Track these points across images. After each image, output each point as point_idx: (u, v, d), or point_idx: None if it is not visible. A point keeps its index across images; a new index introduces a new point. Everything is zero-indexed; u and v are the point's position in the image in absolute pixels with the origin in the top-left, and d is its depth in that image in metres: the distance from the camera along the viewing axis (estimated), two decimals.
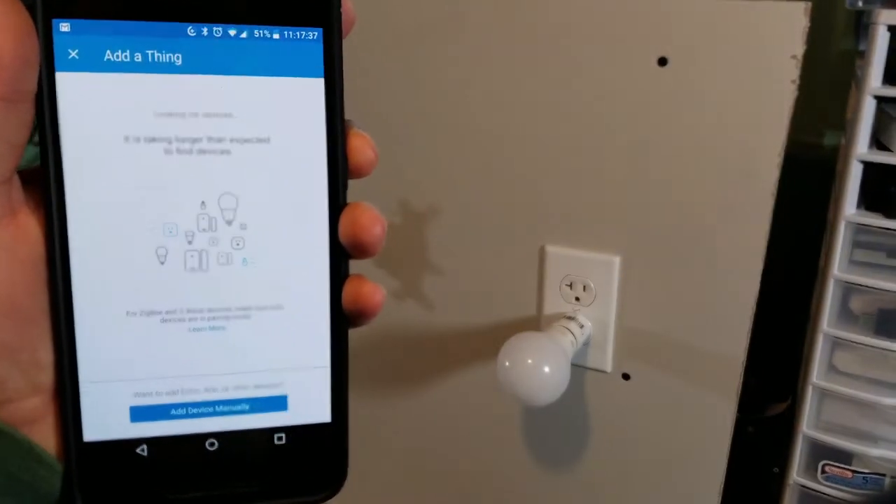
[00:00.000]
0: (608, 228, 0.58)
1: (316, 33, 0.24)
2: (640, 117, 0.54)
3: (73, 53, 0.22)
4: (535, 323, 0.63)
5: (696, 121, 0.52)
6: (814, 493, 0.63)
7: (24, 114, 0.21)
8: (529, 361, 0.52)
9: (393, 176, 0.64)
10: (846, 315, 0.60)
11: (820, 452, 0.62)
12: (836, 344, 0.60)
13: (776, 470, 0.71)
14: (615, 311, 0.59)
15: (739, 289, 0.54)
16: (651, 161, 0.54)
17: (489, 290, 0.64)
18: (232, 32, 0.23)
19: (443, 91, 0.61)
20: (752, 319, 0.54)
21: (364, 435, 0.68)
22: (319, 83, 0.24)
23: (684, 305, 0.57)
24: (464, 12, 0.58)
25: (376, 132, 0.26)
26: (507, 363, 0.52)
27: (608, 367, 0.61)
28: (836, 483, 0.62)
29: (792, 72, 0.48)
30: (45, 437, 0.23)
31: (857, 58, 0.60)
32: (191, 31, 0.23)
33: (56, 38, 0.22)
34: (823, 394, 0.61)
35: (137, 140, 0.23)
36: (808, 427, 0.62)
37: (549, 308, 0.61)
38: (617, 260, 0.58)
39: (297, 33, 0.24)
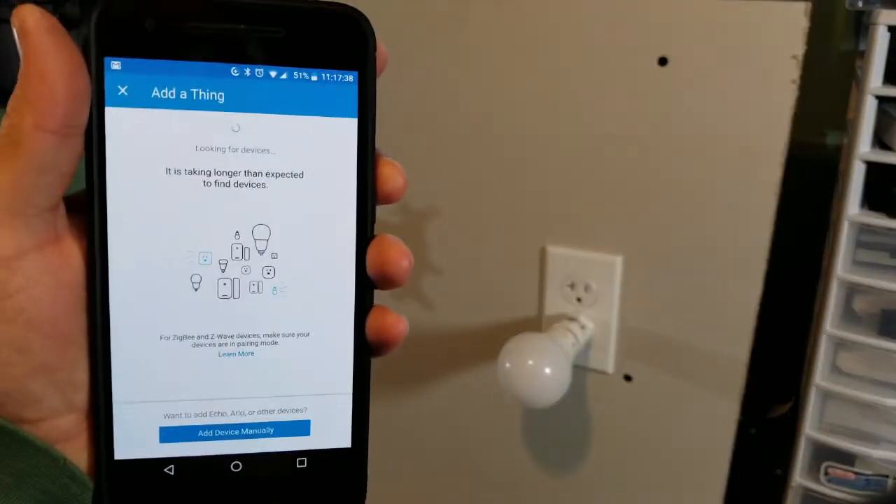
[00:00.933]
0: (610, 229, 0.58)
1: (352, 76, 0.25)
2: (641, 117, 0.54)
3: (123, 90, 0.23)
4: (537, 324, 0.63)
5: (697, 121, 0.52)
6: (816, 495, 0.63)
7: (75, 146, 0.22)
8: (530, 363, 0.51)
9: None
10: (849, 316, 0.59)
11: (823, 454, 0.62)
12: (839, 345, 0.60)
13: (779, 472, 0.70)
14: (617, 312, 0.59)
15: (742, 289, 0.54)
16: (652, 161, 0.54)
17: (490, 290, 0.64)
18: (273, 74, 0.24)
19: (443, 91, 0.61)
20: (754, 320, 0.54)
21: None
22: (353, 123, 0.25)
23: (687, 306, 0.56)
24: (464, 12, 0.58)
25: (376, 132, 0.26)
26: (507, 364, 0.52)
27: (610, 369, 0.61)
28: (839, 485, 0.61)
29: (792, 72, 0.48)
30: (78, 454, 0.24)
31: (857, 58, 0.60)
32: (234, 71, 0.24)
33: (107, 76, 0.23)
34: (826, 395, 0.61)
35: (178, 172, 0.24)
36: (811, 428, 0.61)
37: (551, 309, 0.61)
38: (619, 260, 0.58)
39: (334, 76, 0.25)
